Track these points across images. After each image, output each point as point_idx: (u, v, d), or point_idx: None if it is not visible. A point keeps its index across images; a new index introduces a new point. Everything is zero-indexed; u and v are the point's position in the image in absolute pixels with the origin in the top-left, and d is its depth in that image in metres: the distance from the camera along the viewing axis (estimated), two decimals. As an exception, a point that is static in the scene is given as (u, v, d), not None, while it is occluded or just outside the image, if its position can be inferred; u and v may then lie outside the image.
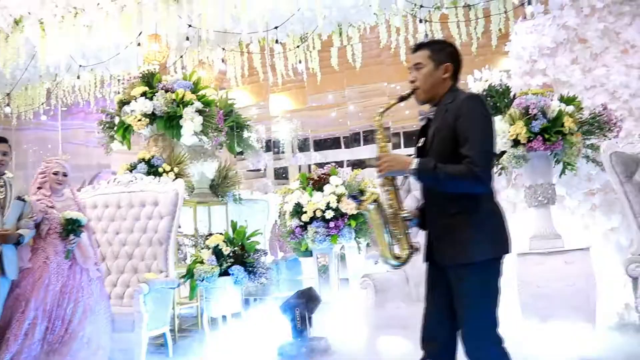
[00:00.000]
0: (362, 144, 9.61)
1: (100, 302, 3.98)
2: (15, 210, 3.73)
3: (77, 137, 10.84)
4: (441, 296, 2.32)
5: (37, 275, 3.75)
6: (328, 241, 4.62)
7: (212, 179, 6.01)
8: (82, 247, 3.95)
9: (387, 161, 2.24)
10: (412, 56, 2.40)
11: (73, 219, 3.86)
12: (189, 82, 5.62)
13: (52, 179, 4.00)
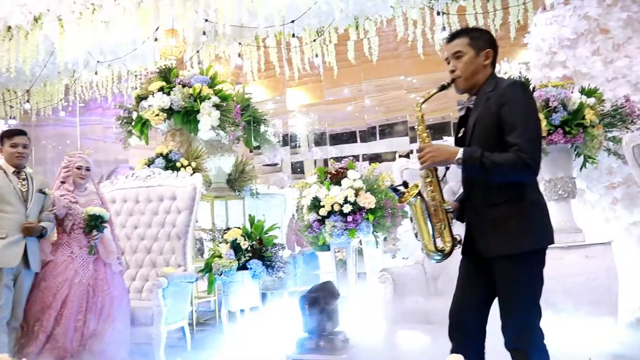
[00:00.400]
0: (378, 138, 9.57)
1: (123, 296, 4.01)
2: (37, 204, 3.76)
3: (94, 133, 10.91)
4: (478, 288, 2.30)
5: (63, 269, 3.78)
6: (346, 235, 4.60)
7: (229, 173, 6.03)
8: (105, 242, 3.97)
9: (431, 152, 2.19)
10: (449, 45, 2.36)
11: (96, 214, 3.87)
12: (206, 77, 5.63)
13: (75, 174, 4.00)
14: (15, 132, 3.84)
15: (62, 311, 3.67)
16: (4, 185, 3.65)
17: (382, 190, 4.77)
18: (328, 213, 4.58)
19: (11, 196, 3.64)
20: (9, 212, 3.61)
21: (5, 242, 3.55)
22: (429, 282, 4.36)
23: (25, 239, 3.63)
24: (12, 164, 3.74)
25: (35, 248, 3.70)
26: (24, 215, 3.66)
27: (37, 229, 3.68)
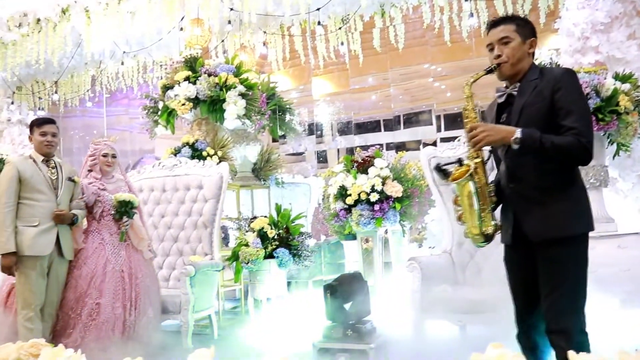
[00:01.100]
0: (403, 127, 9.48)
1: (154, 283, 4.03)
2: (67, 191, 3.76)
3: (120, 123, 11.03)
4: (528, 275, 2.28)
5: (95, 257, 3.78)
6: (373, 224, 4.58)
7: (255, 162, 6.03)
8: (136, 228, 3.97)
9: (486, 131, 2.16)
10: (494, 31, 2.33)
11: (125, 200, 3.87)
12: (232, 66, 5.63)
13: (101, 161, 4.00)
14: (45, 120, 3.83)
15: (99, 300, 3.67)
16: (34, 174, 3.64)
17: (409, 179, 4.73)
18: (355, 202, 4.56)
19: (42, 184, 3.64)
20: (40, 201, 3.61)
21: (37, 230, 3.55)
22: (456, 271, 4.31)
23: (56, 227, 3.63)
24: (42, 152, 3.73)
25: (67, 235, 3.72)
26: (55, 203, 3.65)
27: (68, 217, 3.69)
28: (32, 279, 3.54)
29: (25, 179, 3.60)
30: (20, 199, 3.59)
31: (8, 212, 3.52)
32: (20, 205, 3.59)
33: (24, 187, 3.60)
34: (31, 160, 3.72)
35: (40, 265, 3.58)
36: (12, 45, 8.16)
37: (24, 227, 3.55)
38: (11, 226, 3.51)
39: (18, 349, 1.96)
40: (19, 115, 9.54)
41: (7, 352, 1.95)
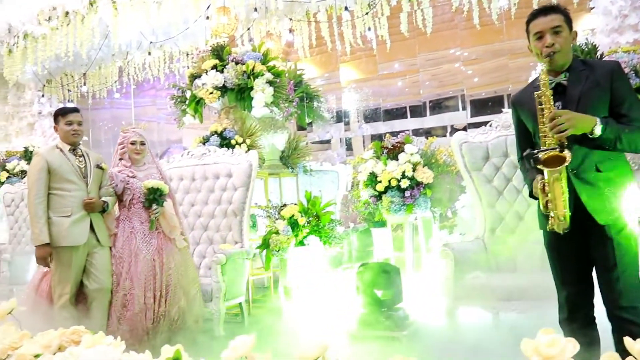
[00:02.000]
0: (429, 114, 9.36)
1: (190, 272, 3.95)
2: (96, 179, 3.75)
3: (147, 114, 11.12)
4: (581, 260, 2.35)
5: (127, 244, 3.75)
6: (403, 211, 4.53)
7: (282, 150, 6.01)
8: (167, 216, 3.90)
9: (571, 119, 2.17)
10: (544, 19, 2.35)
11: (154, 187, 3.80)
12: (259, 54, 5.61)
13: (130, 149, 3.95)
14: (69, 109, 3.78)
15: (132, 291, 3.64)
16: (62, 163, 3.63)
17: (439, 165, 4.66)
18: (385, 188, 4.51)
19: (71, 174, 3.62)
20: (71, 190, 3.61)
21: (70, 220, 3.55)
22: (489, 258, 4.25)
23: (89, 216, 3.63)
24: (68, 141, 3.71)
25: (100, 223, 3.72)
26: (86, 192, 3.65)
27: (99, 205, 3.68)
28: (68, 269, 3.55)
29: (54, 170, 3.59)
30: (50, 190, 3.58)
31: (39, 203, 3.52)
32: (51, 196, 3.57)
33: (54, 178, 3.59)
34: (58, 150, 3.70)
35: (77, 255, 3.58)
36: (42, 39, 8.28)
37: (58, 218, 3.55)
38: (43, 217, 3.51)
39: (60, 335, 1.98)
40: (49, 107, 9.70)
41: (49, 339, 1.97)
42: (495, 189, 4.24)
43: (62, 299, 3.55)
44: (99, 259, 3.66)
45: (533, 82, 2.51)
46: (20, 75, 8.94)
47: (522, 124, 2.55)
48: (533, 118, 2.35)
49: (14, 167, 8.50)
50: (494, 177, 4.25)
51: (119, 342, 1.87)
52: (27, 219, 7.34)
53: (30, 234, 7.06)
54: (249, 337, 1.52)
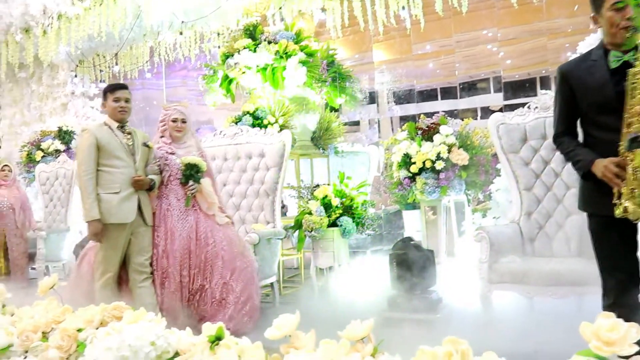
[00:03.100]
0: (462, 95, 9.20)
1: (233, 249, 3.83)
2: (143, 157, 3.73)
3: (177, 95, 11.17)
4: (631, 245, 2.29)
5: (162, 224, 3.71)
6: (437, 193, 4.46)
7: (314, 131, 5.98)
8: (205, 193, 3.84)
9: None
10: None
11: (191, 163, 3.76)
12: (291, 33, 5.56)
13: (171, 127, 3.91)
14: (118, 86, 3.77)
15: (168, 268, 3.61)
16: (111, 140, 3.61)
17: (475, 146, 4.58)
18: (419, 170, 4.45)
19: (119, 151, 3.61)
20: (119, 167, 3.59)
21: (119, 197, 3.54)
22: (525, 242, 4.19)
23: (137, 193, 3.62)
24: (116, 118, 3.68)
25: (147, 201, 3.69)
26: (134, 169, 3.63)
27: (146, 182, 3.66)
28: (114, 247, 3.56)
29: (103, 146, 3.57)
30: (99, 166, 3.56)
31: (89, 179, 3.51)
32: (100, 173, 3.56)
33: (102, 154, 3.57)
34: (107, 127, 3.68)
35: (123, 233, 3.57)
36: (76, 19, 8.34)
37: (106, 195, 3.53)
38: (93, 193, 3.49)
39: (102, 311, 2.00)
40: (82, 88, 9.81)
41: (92, 314, 1.99)
42: (533, 171, 4.16)
43: (105, 277, 3.56)
44: (143, 237, 3.64)
45: (588, 55, 2.37)
46: (54, 56, 9.03)
47: (570, 98, 2.41)
48: (588, 92, 2.24)
49: (48, 147, 8.65)
50: (531, 160, 4.17)
51: (160, 318, 1.88)
52: (62, 198, 7.52)
53: (64, 212, 7.27)
54: (293, 316, 1.51)
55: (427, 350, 1.28)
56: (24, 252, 6.76)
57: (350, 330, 1.40)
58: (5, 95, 10.68)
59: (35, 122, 9.95)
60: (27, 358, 2.04)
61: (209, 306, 3.61)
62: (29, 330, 2.12)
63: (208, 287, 3.64)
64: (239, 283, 3.72)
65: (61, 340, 1.97)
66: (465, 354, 1.20)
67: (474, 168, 4.50)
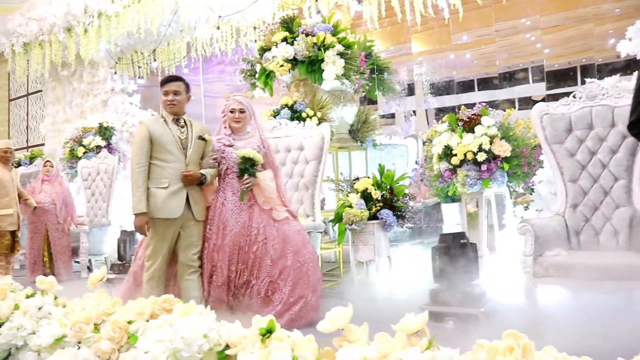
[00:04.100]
0: (501, 85, 9.01)
1: (288, 247, 3.68)
2: (197, 151, 3.69)
3: (214, 89, 11.25)
4: None
5: (216, 218, 3.67)
6: (479, 185, 4.38)
7: (352, 123, 5.95)
8: (262, 187, 3.73)
9: None
10: None
11: (246, 156, 3.64)
12: (329, 25, 5.53)
13: (229, 117, 3.83)
14: (167, 79, 3.74)
15: (216, 262, 3.60)
16: (164, 133, 3.60)
17: (518, 137, 4.49)
18: (460, 162, 4.37)
19: (171, 145, 3.59)
20: (170, 161, 3.58)
21: (167, 192, 3.54)
22: (570, 235, 4.09)
23: (186, 188, 3.60)
24: (167, 111, 3.68)
25: (197, 196, 3.67)
26: (184, 164, 3.61)
27: (196, 177, 3.61)
28: (161, 241, 3.58)
29: (156, 139, 3.57)
30: (152, 159, 3.57)
31: (140, 172, 3.53)
32: (152, 166, 3.57)
33: (155, 147, 3.57)
34: (162, 120, 3.68)
35: (171, 228, 3.57)
36: (115, 17, 8.50)
37: (155, 189, 3.55)
38: (143, 186, 3.52)
39: (152, 303, 2.03)
40: (121, 84, 9.98)
41: (142, 307, 2.02)
42: (579, 162, 4.06)
43: (151, 270, 3.58)
44: (192, 233, 3.63)
45: None
46: (95, 53, 9.22)
47: None
48: None
49: (89, 143, 8.84)
50: (577, 151, 4.07)
51: (210, 311, 1.90)
52: (103, 192, 7.68)
53: (105, 206, 7.43)
54: (346, 309, 1.49)
55: (486, 344, 1.25)
56: (66, 246, 6.94)
57: (404, 323, 1.38)
58: (48, 93, 10.96)
59: (76, 119, 10.18)
60: (80, 348, 2.08)
61: (254, 302, 3.56)
62: (82, 322, 2.17)
63: (255, 283, 3.57)
64: (287, 283, 3.58)
65: (112, 332, 2.00)
66: (527, 349, 1.17)
67: (516, 160, 4.40)
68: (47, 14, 9.58)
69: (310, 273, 3.68)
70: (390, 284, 4.41)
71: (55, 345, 2.18)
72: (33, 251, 6.79)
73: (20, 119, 13.65)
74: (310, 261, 3.70)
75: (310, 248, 3.81)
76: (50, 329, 2.21)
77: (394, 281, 4.43)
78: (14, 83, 13.24)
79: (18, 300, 2.69)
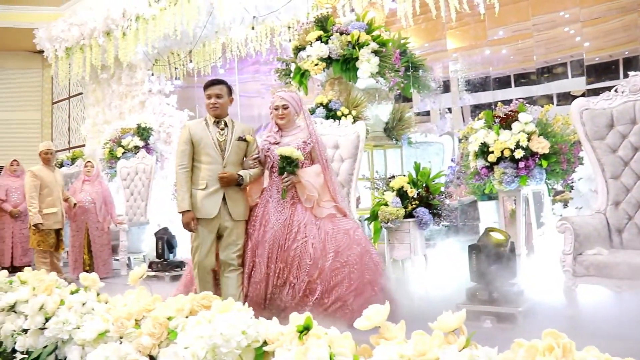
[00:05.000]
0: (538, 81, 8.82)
1: (330, 247, 3.56)
2: (236, 152, 3.73)
3: (250, 89, 11.35)
4: None
5: (260, 215, 3.69)
6: (516, 183, 4.31)
7: (386, 121, 5.93)
8: (304, 183, 3.66)
9: None
10: None
11: (283, 155, 3.61)
12: (363, 23, 5.52)
13: (274, 115, 3.82)
14: (209, 83, 3.78)
15: (255, 259, 3.61)
16: (203, 136, 3.67)
17: (556, 134, 4.40)
18: (497, 159, 4.31)
19: (210, 147, 3.66)
20: (207, 163, 3.65)
21: (205, 193, 3.62)
22: (612, 233, 3.99)
23: (222, 190, 3.65)
24: (210, 114, 3.75)
25: (235, 197, 3.69)
26: (221, 166, 3.66)
27: (233, 178, 3.64)
28: (200, 238, 3.65)
29: (197, 141, 3.66)
30: (194, 161, 3.68)
31: (182, 173, 3.65)
32: (194, 168, 3.68)
33: (195, 150, 3.67)
34: (204, 122, 3.76)
35: (209, 227, 3.64)
36: (152, 20, 8.68)
37: (195, 190, 3.65)
38: (185, 186, 3.63)
39: (191, 300, 2.07)
40: (158, 85, 10.18)
41: (182, 303, 2.06)
42: (621, 159, 3.95)
43: (196, 267, 3.67)
44: (231, 232, 3.66)
45: None
46: (133, 56, 9.43)
47: None
48: None
49: (128, 143, 9.04)
50: (619, 147, 3.96)
51: (248, 308, 1.92)
52: (142, 192, 7.86)
53: (143, 205, 7.60)
54: (383, 306, 1.50)
55: (525, 343, 1.24)
56: (106, 244, 7.12)
57: (442, 321, 1.37)
58: (89, 95, 11.25)
59: (115, 120, 10.43)
60: (122, 343, 2.14)
61: (290, 301, 3.52)
62: (123, 318, 2.22)
63: (295, 283, 3.51)
64: (323, 284, 3.48)
65: (153, 327, 2.05)
66: (567, 349, 1.15)
67: (555, 157, 4.31)
68: (88, 19, 9.85)
69: (354, 276, 3.52)
70: (426, 283, 4.38)
71: (98, 339, 2.25)
72: (75, 249, 6.99)
73: (62, 121, 14.06)
74: (356, 263, 3.54)
75: (359, 249, 3.61)
76: (94, 324, 2.28)
77: (430, 280, 4.40)
78: (57, 86, 13.65)
79: (63, 296, 2.79)
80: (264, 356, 1.71)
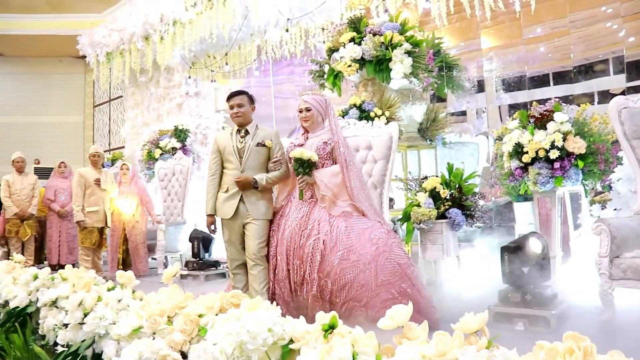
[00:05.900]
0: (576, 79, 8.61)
1: (340, 243, 3.53)
2: (256, 157, 3.90)
3: (284, 91, 11.43)
4: None
5: (282, 215, 3.84)
6: (551, 183, 4.24)
7: (420, 122, 5.90)
8: (318, 184, 3.70)
9: None
10: None
11: (296, 157, 3.68)
12: (396, 24, 5.51)
13: (299, 117, 3.93)
14: (231, 94, 4.01)
15: (276, 256, 3.73)
16: (227, 145, 3.94)
17: (593, 134, 4.31)
18: (532, 160, 4.25)
19: (230, 154, 3.92)
20: (229, 169, 3.93)
21: (225, 196, 3.91)
22: (651, 235, 3.89)
23: (240, 192, 3.88)
24: (235, 123, 4.00)
25: (253, 198, 3.87)
26: (239, 171, 3.88)
27: (247, 182, 3.83)
28: (226, 237, 3.96)
29: (222, 150, 3.97)
30: (222, 167, 3.98)
31: (210, 179, 4.00)
32: (222, 173, 3.99)
33: (223, 157, 3.97)
34: (230, 131, 4.03)
35: (230, 227, 3.91)
36: (189, 24, 8.86)
37: (219, 193, 3.97)
38: (211, 192, 3.97)
39: (221, 298, 2.12)
40: (195, 88, 10.36)
41: (212, 301, 2.11)
42: (661, 159, 3.85)
43: (229, 265, 3.98)
44: (251, 230, 3.85)
45: None
46: (170, 59, 9.63)
47: None
48: None
49: (166, 145, 9.23)
50: (659, 146, 3.86)
51: (275, 306, 1.96)
52: (178, 192, 8.02)
53: (180, 206, 7.77)
54: (406, 307, 1.51)
55: (546, 345, 1.24)
56: (142, 242, 7.30)
57: (464, 322, 1.38)
58: (128, 98, 11.54)
59: (154, 122, 10.66)
60: (155, 339, 2.20)
61: (309, 299, 3.55)
62: (156, 314, 2.30)
63: (309, 279, 3.54)
64: (332, 282, 3.47)
65: (184, 324, 2.11)
66: (588, 352, 1.15)
67: (592, 157, 4.22)
68: (127, 25, 10.12)
69: (365, 276, 3.42)
70: (458, 284, 4.35)
71: (132, 335, 2.32)
72: (113, 248, 7.20)
73: (103, 124, 14.45)
74: (369, 263, 3.44)
75: (373, 249, 3.50)
76: (129, 320, 2.36)
77: (462, 281, 4.37)
78: (98, 90, 14.05)
79: (101, 292, 2.89)
80: (290, 354, 1.74)
